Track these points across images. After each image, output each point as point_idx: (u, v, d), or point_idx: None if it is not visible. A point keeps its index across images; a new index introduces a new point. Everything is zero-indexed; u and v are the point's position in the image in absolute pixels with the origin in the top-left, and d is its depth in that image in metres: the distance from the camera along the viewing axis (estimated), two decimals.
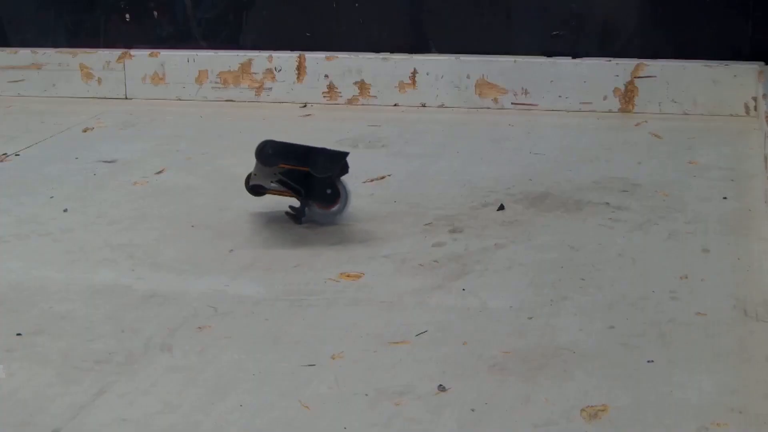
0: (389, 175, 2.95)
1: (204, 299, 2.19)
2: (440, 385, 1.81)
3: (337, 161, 2.57)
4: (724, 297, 2.12)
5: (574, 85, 3.54)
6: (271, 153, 2.54)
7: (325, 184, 2.56)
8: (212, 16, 3.90)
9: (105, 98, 3.92)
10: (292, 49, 3.78)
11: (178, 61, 3.85)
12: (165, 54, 3.87)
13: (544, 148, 3.15)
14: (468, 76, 3.62)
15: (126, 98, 3.91)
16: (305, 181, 2.56)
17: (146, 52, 3.88)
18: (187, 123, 3.58)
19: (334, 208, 2.57)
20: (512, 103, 3.60)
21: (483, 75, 3.61)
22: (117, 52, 3.90)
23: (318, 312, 2.12)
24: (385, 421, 1.71)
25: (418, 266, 2.32)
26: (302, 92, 3.75)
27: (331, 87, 3.74)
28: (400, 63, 3.67)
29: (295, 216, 2.57)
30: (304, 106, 3.74)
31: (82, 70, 3.93)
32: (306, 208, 2.56)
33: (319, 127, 3.49)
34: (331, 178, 2.55)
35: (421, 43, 3.71)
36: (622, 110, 3.51)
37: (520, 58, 3.59)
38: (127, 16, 3.96)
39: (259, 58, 3.79)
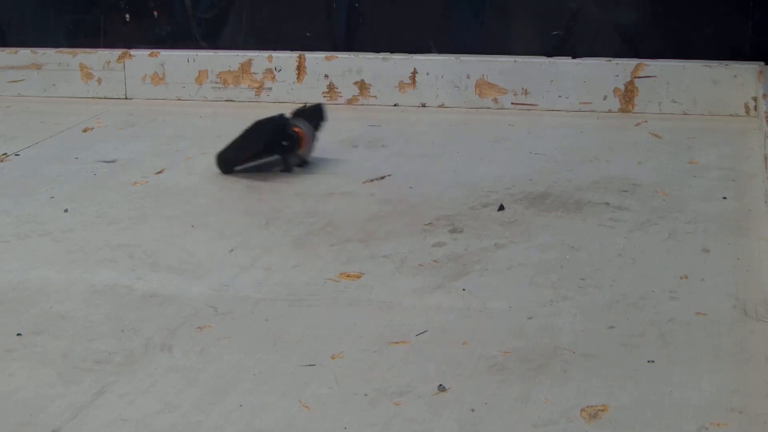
0: (389, 175, 2.95)
1: (204, 299, 2.19)
2: (440, 385, 1.81)
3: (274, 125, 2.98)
4: (724, 297, 2.12)
5: (574, 85, 3.54)
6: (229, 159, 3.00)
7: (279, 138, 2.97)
8: (212, 16, 3.90)
9: (105, 98, 3.92)
10: (292, 49, 3.78)
11: (178, 61, 3.85)
12: (165, 54, 3.87)
13: (544, 148, 3.15)
14: (468, 76, 3.62)
15: (126, 98, 3.91)
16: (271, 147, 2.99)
17: (146, 52, 3.88)
18: (187, 123, 3.58)
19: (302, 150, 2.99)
20: (512, 103, 3.60)
21: (483, 75, 3.61)
22: (117, 52, 3.91)
23: (318, 312, 2.12)
24: (385, 421, 1.71)
25: (418, 266, 2.32)
26: (302, 92, 3.75)
27: (331, 87, 3.74)
28: (400, 63, 3.67)
29: (286, 168, 2.98)
30: (304, 106, 3.74)
31: (82, 70, 3.93)
32: (288, 161, 2.99)
33: None
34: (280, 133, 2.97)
35: (421, 43, 3.71)
36: (622, 110, 3.51)
37: (520, 58, 3.59)
38: (127, 16, 3.96)
39: (259, 58, 3.79)
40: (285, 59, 3.76)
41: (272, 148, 2.97)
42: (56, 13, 4.02)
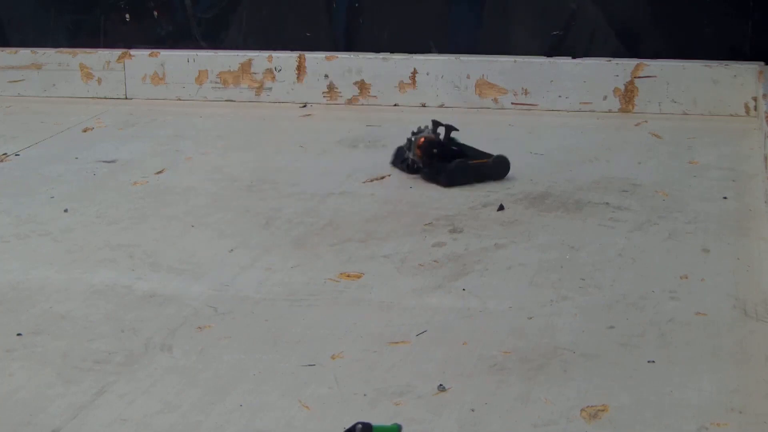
0: (389, 175, 2.95)
1: (204, 299, 2.19)
2: (440, 385, 1.81)
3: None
4: (724, 297, 2.12)
5: (574, 85, 3.54)
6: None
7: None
8: (212, 16, 3.90)
9: (105, 98, 3.91)
10: (292, 49, 3.78)
11: (178, 61, 3.85)
12: (165, 54, 3.87)
13: (544, 148, 3.15)
14: (468, 76, 3.62)
15: (126, 98, 3.91)
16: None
17: (146, 52, 3.88)
18: (187, 123, 3.58)
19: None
20: (512, 103, 3.60)
21: (483, 75, 3.61)
22: (117, 52, 3.90)
23: (318, 312, 2.12)
24: (385, 421, 1.70)
25: (418, 266, 2.32)
26: (302, 92, 3.75)
27: (331, 87, 3.74)
28: (400, 63, 3.67)
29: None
30: (304, 106, 3.74)
31: (82, 70, 3.93)
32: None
33: (319, 127, 3.50)
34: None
35: (421, 43, 3.71)
36: (622, 110, 3.51)
37: (520, 58, 3.59)
38: (127, 16, 3.96)
39: (259, 58, 3.79)
40: (285, 59, 3.76)
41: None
42: (56, 13, 4.02)
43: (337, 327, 2.04)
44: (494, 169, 2.88)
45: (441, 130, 2.96)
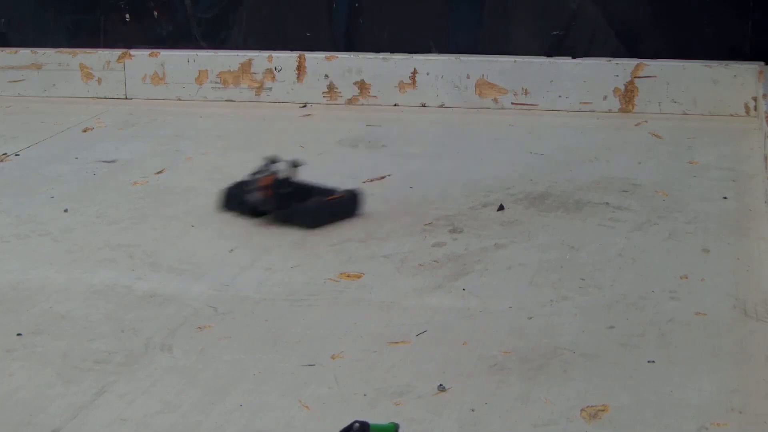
0: (389, 175, 2.94)
1: (204, 299, 2.19)
2: (440, 385, 1.81)
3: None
4: (724, 297, 2.12)
5: (574, 85, 3.54)
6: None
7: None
8: (212, 16, 3.90)
9: (105, 98, 3.91)
10: (292, 49, 3.78)
11: (178, 61, 3.85)
12: (165, 54, 3.86)
13: (544, 148, 3.15)
14: (468, 76, 3.62)
15: (126, 98, 3.91)
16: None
17: (146, 52, 3.88)
18: (187, 123, 3.58)
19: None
20: (512, 103, 3.60)
21: (483, 75, 3.61)
22: (117, 52, 3.90)
23: (318, 312, 2.12)
24: (385, 422, 1.70)
25: (418, 266, 2.32)
26: (302, 92, 3.75)
27: (331, 87, 3.73)
28: (400, 63, 3.67)
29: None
30: (304, 106, 3.74)
31: (82, 70, 3.93)
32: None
33: (319, 127, 3.50)
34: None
35: (421, 43, 3.71)
36: (622, 110, 3.51)
37: (520, 58, 3.59)
38: (127, 16, 3.96)
39: (259, 58, 3.78)
40: (285, 59, 3.76)
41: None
42: (56, 13, 4.02)
43: (337, 327, 2.04)
44: (348, 205, 2.64)
45: (281, 167, 2.66)
